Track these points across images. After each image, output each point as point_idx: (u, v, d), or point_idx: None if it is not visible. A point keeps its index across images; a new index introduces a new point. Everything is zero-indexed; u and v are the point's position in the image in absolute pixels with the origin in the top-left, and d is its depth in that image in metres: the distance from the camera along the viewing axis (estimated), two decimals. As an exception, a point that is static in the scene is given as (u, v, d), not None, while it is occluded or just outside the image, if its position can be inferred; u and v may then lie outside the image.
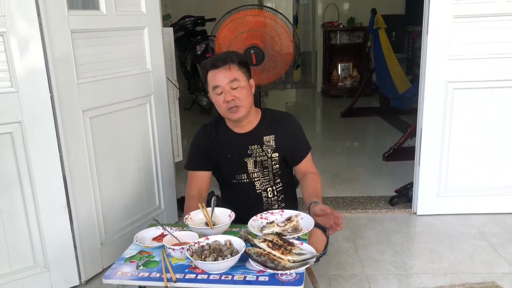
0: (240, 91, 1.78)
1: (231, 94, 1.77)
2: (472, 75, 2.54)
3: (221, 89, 1.78)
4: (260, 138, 1.89)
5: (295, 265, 1.40)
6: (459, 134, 2.64)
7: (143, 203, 2.51)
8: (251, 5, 2.91)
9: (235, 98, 1.77)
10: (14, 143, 1.88)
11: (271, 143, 1.89)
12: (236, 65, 1.79)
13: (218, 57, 1.83)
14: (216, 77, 1.78)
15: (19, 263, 1.99)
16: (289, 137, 1.91)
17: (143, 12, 2.37)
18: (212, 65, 1.80)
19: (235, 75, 1.78)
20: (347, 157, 4.12)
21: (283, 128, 1.91)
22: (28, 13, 1.81)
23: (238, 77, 1.78)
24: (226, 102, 1.78)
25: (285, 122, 1.93)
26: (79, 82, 2.03)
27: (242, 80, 1.80)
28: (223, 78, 1.77)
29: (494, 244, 2.41)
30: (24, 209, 1.95)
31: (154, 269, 1.47)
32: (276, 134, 1.89)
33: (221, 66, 1.78)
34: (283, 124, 1.92)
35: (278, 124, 1.91)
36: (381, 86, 5.16)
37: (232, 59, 1.79)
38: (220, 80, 1.77)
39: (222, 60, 1.79)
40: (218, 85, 1.78)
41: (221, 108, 1.82)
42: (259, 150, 1.89)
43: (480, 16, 2.46)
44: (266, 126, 1.91)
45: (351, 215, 2.84)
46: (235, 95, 1.77)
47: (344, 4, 7.03)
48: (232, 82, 1.77)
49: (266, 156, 1.90)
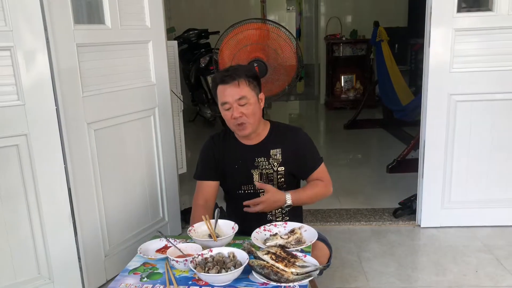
0: (247, 107, 1.79)
1: (238, 110, 1.78)
2: (475, 88, 2.55)
3: (229, 105, 1.79)
4: (267, 151, 1.89)
5: (299, 277, 1.40)
6: (462, 146, 2.64)
7: (147, 215, 2.52)
8: (254, 19, 2.94)
9: (242, 115, 1.78)
10: (20, 156, 1.90)
11: (277, 156, 1.88)
12: (245, 81, 1.79)
13: (227, 73, 1.83)
14: (225, 93, 1.79)
15: (23, 275, 1.99)
16: (296, 152, 1.90)
17: (147, 26, 2.41)
18: (221, 80, 1.80)
19: (243, 92, 1.78)
20: (351, 169, 4.12)
21: (291, 142, 1.90)
22: (35, 28, 1.85)
23: (246, 94, 1.78)
24: (233, 119, 1.79)
25: (293, 136, 1.92)
26: (84, 95, 2.06)
27: (251, 97, 1.80)
28: (231, 95, 1.78)
29: (499, 257, 2.40)
30: (29, 220, 1.97)
31: (158, 281, 1.47)
32: (283, 148, 1.89)
33: (229, 82, 1.78)
34: (291, 138, 1.91)
35: (286, 138, 1.91)
36: (384, 98, 5.17)
37: (240, 75, 1.79)
38: (228, 97, 1.78)
39: (230, 76, 1.79)
40: (226, 102, 1.79)
41: (229, 123, 1.83)
42: (265, 163, 1.89)
43: (481, 29, 2.48)
44: (274, 140, 1.90)
45: (355, 227, 2.84)
46: (243, 112, 1.78)
47: (347, 16, 7.08)
48: (240, 100, 1.77)
49: (272, 170, 1.90)
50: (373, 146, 5.08)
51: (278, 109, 7.35)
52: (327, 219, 2.93)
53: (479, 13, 2.53)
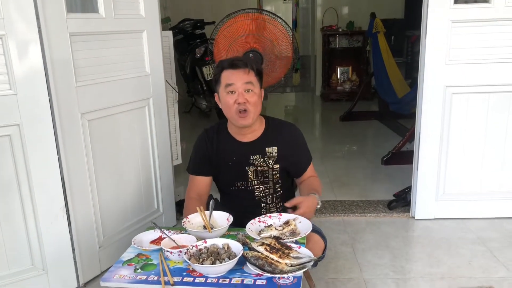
0: (252, 95, 1.77)
1: (243, 96, 1.76)
2: (470, 80, 2.55)
3: (235, 88, 1.76)
4: (263, 149, 1.87)
5: (293, 268, 1.40)
6: (457, 139, 2.65)
7: (142, 206, 2.51)
8: (250, 9, 2.91)
9: (247, 101, 1.76)
10: (12, 146, 1.88)
11: (273, 154, 1.87)
12: (254, 72, 1.79)
13: (238, 58, 1.84)
14: (232, 76, 1.77)
15: (17, 266, 1.99)
16: (292, 150, 1.90)
17: (142, 15, 2.38)
18: (230, 64, 1.79)
19: (251, 79, 1.78)
20: (346, 161, 4.12)
21: (287, 140, 1.89)
22: (27, 16, 1.82)
23: (253, 82, 1.78)
24: (237, 103, 1.76)
25: (288, 133, 1.91)
26: (77, 85, 2.04)
27: (256, 87, 1.79)
28: (240, 79, 1.76)
29: (492, 249, 2.41)
30: (22, 211, 1.96)
31: (152, 272, 1.46)
32: (279, 146, 1.87)
33: (240, 67, 1.77)
34: (287, 136, 1.90)
35: (282, 135, 1.89)
36: (380, 90, 5.17)
37: (251, 64, 1.79)
38: (236, 80, 1.76)
39: (242, 62, 1.79)
40: (232, 83, 1.76)
41: (230, 109, 1.79)
42: (260, 161, 1.87)
43: (478, 21, 2.47)
44: (270, 137, 1.88)
45: (350, 219, 2.84)
46: (247, 98, 1.76)
47: (343, 8, 7.05)
48: (247, 84, 1.76)
49: (268, 167, 1.88)
50: (368, 138, 5.08)
51: (274, 101, 7.33)
52: (321, 210, 2.93)
53: (476, 4, 2.52)
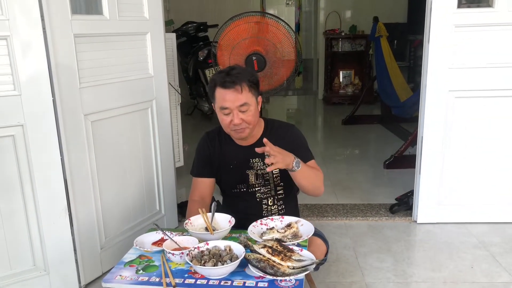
0: (248, 114, 1.74)
1: (238, 117, 1.72)
2: (474, 84, 2.55)
3: (229, 111, 1.73)
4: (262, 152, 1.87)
5: (295, 271, 1.40)
6: (460, 143, 2.64)
7: (144, 207, 2.51)
8: (254, 12, 2.93)
9: (242, 122, 1.73)
10: (16, 146, 1.89)
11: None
12: (247, 87, 1.73)
13: (229, 77, 1.73)
14: (226, 98, 1.71)
15: (19, 266, 1.99)
16: (291, 150, 1.82)
17: (145, 17, 2.39)
18: (222, 84, 1.72)
19: (245, 98, 1.72)
20: (348, 164, 4.12)
21: (285, 141, 1.85)
22: (32, 17, 1.83)
23: (248, 100, 1.73)
24: (233, 124, 1.74)
25: (286, 134, 1.89)
26: (81, 86, 2.04)
27: (252, 103, 1.75)
28: (232, 101, 1.71)
29: (495, 253, 2.40)
30: (24, 211, 1.96)
31: (153, 273, 1.46)
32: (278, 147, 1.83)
33: (231, 87, 1.70)
34: (285, 137, 1.87)
35: (280, 137, 1.87)
36: (383, 94, 5.17)
37: (242, 79, 1.72)
38: (229, 103, 1.71)
39: (232, 82, 1.71)
40: (226, 107, 1.72)
41: (226, 128, 1.79)
42: (260, 164, 1.87)
43: (481, 26, 2.47)
44: (268, 139, 1.80)
45: (351, 222, 2.84)
46: (243, 118, 1.73)
47: (346, 12, 7.07)
48: (242, 106, 1.72)
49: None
50: (370, 142, 5.08)
51: (276, 104, 7.34)
52: (323, 214, 2.93)
53: (479, 9, 2.52)
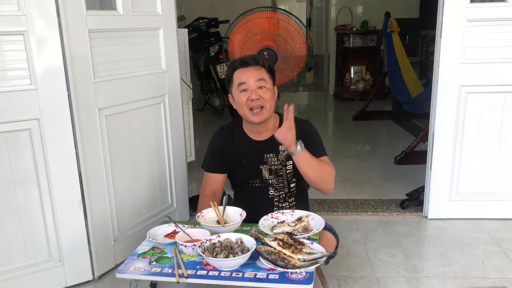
0: (266, 91, 1.79)
1: (256, 93, 1.78)
2: (486, 79, 2.53)
3: (247, 86, 1.78)
4: (276, 147, 1.88)
5: (305, 264, 1.42)
6: (471, 139, 2.63)
7: (156, 201, 2.55)
8: (265, 7, 2.93)
9: (260, 98, 1.78)
10: (32, 140, 1.93)
11: (286, 152, 1.86)
12: (265, 69, 1.82)
13: (248, 57, 1.86)
14: (244, 75, 1.80)
15: (34, 257, 2.03)
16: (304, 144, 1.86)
17: (158, 13, 2.41)
18: (242, 63, 1.82)
19: (263, 75, 1.80)
20: (359, 160, 4.12)
21: (299, 136, 1.83)
22: (48, 13, 1.86)
23: (265, 78, 1.81)
24: (250, 101, 1.78)
25: (301, 130, 1.87)
26: (95, 81, 2.08)
27: (269, 83, 1.82)
28: (251, 76, 1.79)
29: (506, 249, 2.40)
30: (40, 204, 2.00)
31: (166, 265, 1.49)
32: None
33: (251, 65, 1.80)
34: (299, 132, 1.85)
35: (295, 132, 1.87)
36: (394, 89, 5.15)
37: (262, 61, 1.83)
38: (248, 78, 1.79)
39: (252, 59, 1.83)
40: (244, 82, 1.79)
41: (244, 108, 1.81)
42: (274, 159, 1.89)
43: (494, 20, 2.45)
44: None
45: (362, 217, 2.85)
46: (260, 95, 1.78)
47: (358, 7, 7.03)
48: (260, 81, 1.79)
49: (281, 165, 1.89)
50: (381, 138, 5.06)
51: (287, 99, 7.30)
52: (334, 209, 2.94)
53: (492, 3, 2.49)
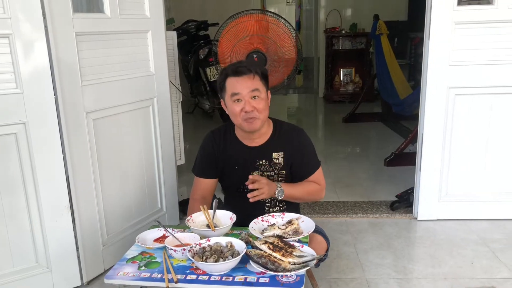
0: (259, 102, 1.75)
1: (250, 104, 1.73)
2: (474, 81, 2.55)
3: (241, 97, 1.74)
4: (269, 154, 1.86)
5: (296, 267, 1.41)
6: (460, 140, 2.65)
7: (145, 205, 2.53)
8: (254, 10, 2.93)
9: (254, 109, 1.74)
10: (18, 144, 1.90)
11: (279, 160, 1.85)
12: (259, 76, 1.76)
13: (241, 64, 1.79)
14: (237, 85, 1.74)
15: (21, 263, 2.00)
16: (299, 156, 1.87)
17: (147, 15, 2.40)
18: (234, 71, 1.75)
19: (257, 85, 1.75)
20: (349, 162, 4.13)
21: (294, 146, 1.86)
22: (34, 16, 1.84)
23: (259, 87, 1.75)
24: (244, 112, 1.74)
25: (296, 139, 1.88)
26: (83, 84, 2.05)
27: (263, 92, 1.77)
28: (245, 87, 1.73)
29: (495, 249, 2.41)
30: (27, 209, 1.97)
31: (155, 269, 1.48)
32: (285, 151, 1.86)
33: (244, 74, 1.74)
34: (294, 142, 1.87)
35: (289, 141, 1.87)
36: (383, 92, 5.18)
37: (255, 69, 1.76)
38: (241, 88, 1.73)
39: (246, 68, 1.75)
40: (238, 93, 1.73)
41: (237, 117, 1.77)
42: (266, 166, 1.86)
43: (481, 23, 2.47)
44: (277, 142, 1.86)
45: (352, 219, 2.85)
46: (255, 106, 1.74)
47: (347, 10, 7.07)
48: (253, 92, 1.73)
49: (273, 172, 1.87)
50: (371, 140, 5.09)
51: (277, 102, 7.34)
52: (324, 211, 2.94)
53: (479, 6, 2.52)
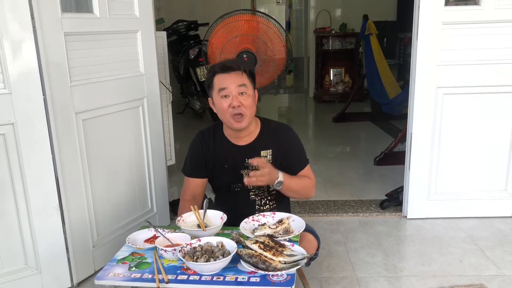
0: (246, 98, 1.76)
1: (237, 99, 1.75)
2: (461, 81, 2.58)
3: (228, 92, 1.75)
4: (258, 152, 1.86)
5: (286, 266, 1.41)
6: (448, 139, 2.68)
7: (136, 205, 2.52)
8: (244, 10, 2.94)
9: (241, 105, 1.75)
10: (6, 145, 1.88)
11: (268, 157, 1.86)
12: (246, 74, 1.79)
13: (229, 62, 1.82)
14: (225, 80, 1.76)
15: (10, 265, 1.99)
16: (287, 153, 1.88)
17: (136, 15, 2.39)
18: (222, 68, 1.78)
19: (244, 81, 1.77)
20: (339, 161, 4.15)
21: (282, 143, 1.88)
22: (22, 16, 1.82)
23: (246, 84, 1.77)
24: (231, 107, 1.75)
25: (283, 137, 1.89)
26: (72, 84, 2.04)
27: (250, 89, 1.79)
28: (232, 82, 1.75)
29: (483, 247, 2.44)
30: (16, 210, 1.95)
31: (146, 270, 1.47)
32: (273, 149, 1.87)
33: (232, 70, 1.77)
34: (282, 139, 1.88)
35: (277, 138, 1.88)
36: (372, 91, 5.21)
37: (243, 66, 1.79)
38: (228, 83, 1.75)
39: (234, 64, 1.79)
40: (225, 87, 1.75)
41: (225, 114, 1.78)
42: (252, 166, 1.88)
43: (468, 23, 2.50)
44: (264, 140, 1.88)
45: (342, 218, 2.87)
46: (242, 102, 1.75)
47: (336, 10, 7.10)
48: (241, 87, 1.75)
49: None
50: (361, 139, 5.12)
51: (267, 102, 7.35)
52: (315, 210, 2.95)
53: (466, 6, 2.55)
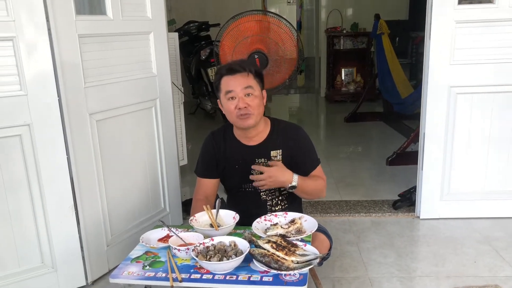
0: (253, 99, 1.78)
1: (244, 101, 1.76)
2: (475, 80, 2.56)
3: (235, 94, 1.77)
4: (268, 152, 1.87)
5: (299, 265, 1.42)
6: (462, 139, 2.65)
7: (149, 205, 2.54)
8: (255, 11, 2.94)
9: (247, 106, 1.77)
10: (23, 146, 1.91)
11: (278, 157, 1.87)
12: (252, 74, 1.80)
13: (235, 63, 1.84)
14: (231, 83, 1.78)
15: (27, 263, 2.02)
16: (297, 153, 1.89)
17: (148, 17, 2.41)
18: (228, 70, 1.80)
19: (250, 82, 1.78)
20: (351, 161, 4.14)
21: (292, 143, 1.88)
22: (37, 18, 1.85)
23: (253, 85, 1.79)
24: (237, 109, 1.77)
25: (294, 137, 1.90)
26: (86, 86, 2.07)
27: (256, 89, 1.80)
28: (238, 84, 1.77)
29: (497, 248, 2.42)
30: (32, 210, 1.99)
31: (160, 269, 1.49)
32: (283, 149, 1.88)
33: (237, 72, 1.78)
34: (292, 139, 1.89)
35: (287, 138, 1.89)
36: (384, 91, 5.18)
37: (249, 67, 1.81)
38: (234, 86, 1.77)
39: (239, 66, 1.80)
40: (231, 90, 1.77)
41: (232, 115, 1.80)
42: (266, 164, 1.88)
43: (482, 21, 2.48)
44: (275, 140, 1.89)
45: (355, 218, 2.86)
46: (248, 103, 1.77)
47: (348, 9, 7.07)
48: (247, 89, 1.77)
49: None
50: (373, 139, 5.09)
51: (279, 102, 7.35)
52: (327, 210, 2.95)
53: (480, 5, 2.52)
